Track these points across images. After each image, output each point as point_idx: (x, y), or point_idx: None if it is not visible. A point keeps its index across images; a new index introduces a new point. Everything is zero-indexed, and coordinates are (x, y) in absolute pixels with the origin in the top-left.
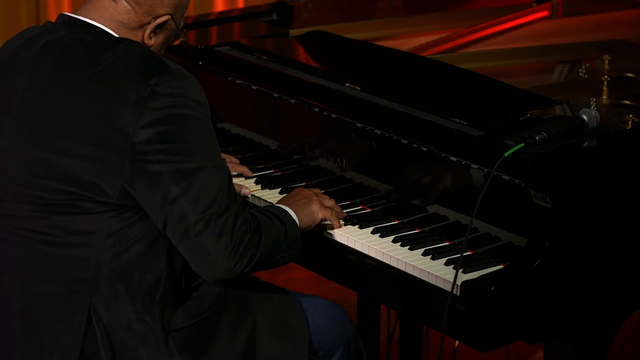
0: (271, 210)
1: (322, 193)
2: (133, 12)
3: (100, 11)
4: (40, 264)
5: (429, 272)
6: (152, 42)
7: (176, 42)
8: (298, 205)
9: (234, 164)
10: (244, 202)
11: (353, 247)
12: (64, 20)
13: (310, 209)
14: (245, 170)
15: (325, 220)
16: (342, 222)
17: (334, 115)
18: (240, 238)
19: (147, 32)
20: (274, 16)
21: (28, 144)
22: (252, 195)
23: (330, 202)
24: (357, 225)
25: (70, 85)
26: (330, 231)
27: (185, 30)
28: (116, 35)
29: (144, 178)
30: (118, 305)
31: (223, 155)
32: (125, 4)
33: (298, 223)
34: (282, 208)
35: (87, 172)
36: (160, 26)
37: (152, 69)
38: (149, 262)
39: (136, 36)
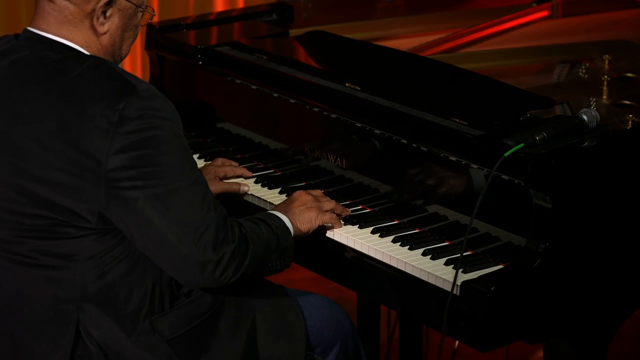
0: (264, 218)
1: (323, 193)
2: (71, 4)
3: (46, 18)
4: (27, 286)
5: (428, 272)
6: (105, 28)
7: (143, 23)
8: (295, 212)
9: (233, 167)
10: (225, 213)
11: (353, 247)
12: (27, 36)
13: (307, 216)
14: (244, 171)
15: (325, 224)
16: (342, 222)
17: (334, 115)
18: (224, 250)
19: (94, 20)
20: (274, 16)
21: (3, 169)
22: (252, 195)
23: (329, 205)
24: (357, 225)
25: (38, 110)
26: (330, 231)
27: (150, 7)
28: (73, 45)
29: (120, 204)
30: (107, 324)
31: (221, 160)
32: (61, 0)
33: (292, 232)
34: (276, 216)
35: (63, 199)
36: (108, 6)
37: (119, 92)
38: (134, 279)
39: (86, 28)
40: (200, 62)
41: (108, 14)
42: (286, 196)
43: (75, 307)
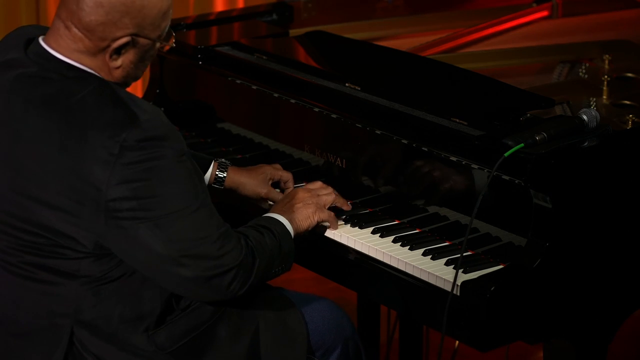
0: (264, 224)
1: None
2: (86, 39)
3: (59, 41)
4: (21, 296)
5: (429, 272)
6: (118, 63)
7: (166, 48)
8: (293, 211)
9: (288, 174)
10: (229, 230)
11: (353, 247)
12: (37, 51)
13: (305, 213)
14: (289, 178)
15: (323, 222)
16: (341, 222)
17: (334, 115)
18: (230, 266)
19: (107, 57)
20: (274, 16)
21: (5, 183)
22: None
23: (329, 199)
24: (357, 226)
25: (39, 130)
26: (330, 231)
27: (171, 35)
28: (83, 67)
29: (120, 234)
30: (102, 340)
31: (280, 166)
32: (77, 31)
33: (292, 233)
34: (277, 220)
35: (61, 224)
36: (123, 47)
37: (121, 123)
38: (130, 297)
39: (99, 60)
40: (200, 62)
41: (123, 50)
42: None
43: (70, 322)
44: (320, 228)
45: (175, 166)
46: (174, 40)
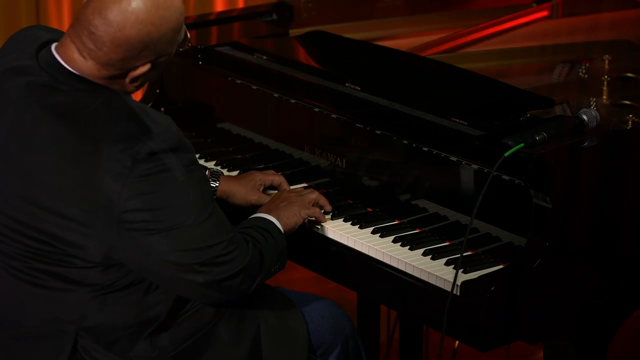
0: (258, 224)
1: (308, 188)
2: (104, 70)
3: (72, 63)
4: (26, 301)
5: (429, 272)
6: (137, 83)
7: (186, 46)
8: (279, 209)
9: (279, 178)
10: (237, 234)
11: (353, 247)
12: (48, 61)
13: (291, 210)
14: (282, 181)
15: (310, 217)
16: (342, 222)
17: (334, 115)
18: (239, 269)
19: (126, 81)
20: (274, 16)
21: (13, 190)
22: None
23: (312, 197)
24: (357, 225)
25: (51, 140)
26: (330, 231)
27: (187, 38)
28: (94, 80)
29: (133, 244)
30: (105, 347)
31: (272, 172)
32: (94, 63)
33: (282, 230)
34: (266, 219)
35: (71, 233)
36: (143, 74)
37: (134, 136)
38: (135, 305)
39: (116, 83)
40: (200, 62)
41: (141, 75)
42: None
43: (75, 328)
44: (320, 229)
45: (185, 176)
46: (189, 41)
